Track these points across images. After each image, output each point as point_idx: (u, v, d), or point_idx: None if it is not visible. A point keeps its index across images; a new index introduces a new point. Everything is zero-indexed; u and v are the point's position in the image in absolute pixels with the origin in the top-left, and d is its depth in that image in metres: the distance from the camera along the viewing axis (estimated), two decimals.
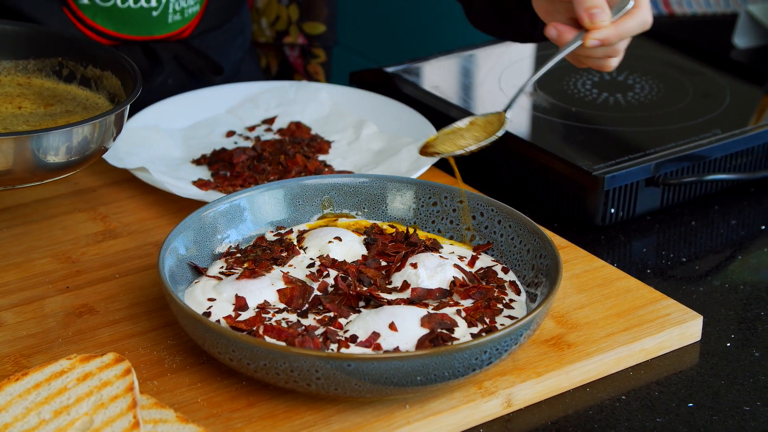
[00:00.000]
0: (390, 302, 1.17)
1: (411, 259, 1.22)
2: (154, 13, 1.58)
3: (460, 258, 1.25)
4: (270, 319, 1.14)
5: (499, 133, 1.27)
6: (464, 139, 1.27)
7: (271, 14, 1.83)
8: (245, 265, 1.23)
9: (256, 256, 1.23)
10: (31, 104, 1.33)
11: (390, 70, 1.70)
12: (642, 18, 1.30)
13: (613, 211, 1.44)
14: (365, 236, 1.28)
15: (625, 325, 1.21)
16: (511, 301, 1.20)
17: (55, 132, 1.18)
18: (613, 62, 1.34)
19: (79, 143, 1.21)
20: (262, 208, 1.30)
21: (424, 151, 1.27)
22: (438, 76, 1.71)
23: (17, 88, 1.36)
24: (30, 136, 1.17)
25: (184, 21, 1.61)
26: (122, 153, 1.47)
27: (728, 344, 1.24)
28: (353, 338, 1.11)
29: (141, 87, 1.29)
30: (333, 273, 1.21)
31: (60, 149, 1.19)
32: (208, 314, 1.15)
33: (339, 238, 1.26)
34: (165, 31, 1.61)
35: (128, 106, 1.27)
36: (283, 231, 1.29)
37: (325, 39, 1.84)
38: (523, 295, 1.21)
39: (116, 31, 1.57)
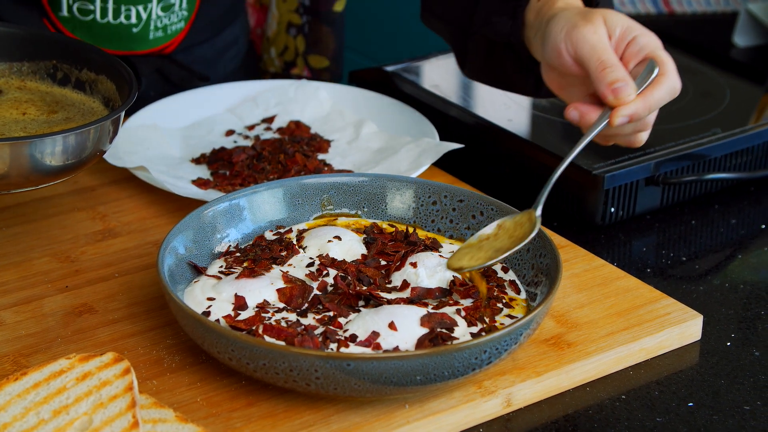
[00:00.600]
0: (389, 301, 1.17)
1: (411, 259, 1.22)
2: (135, 30, 1.56)
3: None
4: (269, 318, 1.14)
5: (531, 236, 1.17)
6: (493, 247, 1.19)
7: (279, 44, 1.80)
8: (245, 264, 1.23)
9: (256, 256, 1.23)
10: (36, 110, 1.32)
11: (390, 69, 1.70)
12: (671, 86, 1.21)
13: (612, 210, 1.44)
14: (365, 235, 1.28)
15: (625, 324, 1.21)
16: (511, 300, 1.19)
17: (50, 138, 1.18)
18: (643, 136, 1.25)
19: (74, 148, 1.21)
20: (261, 207, 1.29)
21: (451, 266, 1.19)
22: (438, 75, 1.71)
23: (26, 94, 1.35)
24: (25, 142, 1.17)
25: (166, 38, 1.60)
26: (121, 152, 1.46)
27: (728, 343, 1.24)
28: (353, 338, 1.11)
29: (137, 92, 1.28)
30: (332, 272, 1.21)
31: (55, 155, 1.19)
32: (207, 314, 1.15)
33: (338, 238, 1.26)
34: (146, 47, 1.59)
35: (123, 112, 1.26)
36: (282, 230, 1.29)
37: (329, 74, 1.82)
38: (523, 294, 1.21)
39: (95, 45, 1.56)
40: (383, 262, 1.24)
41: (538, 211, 1.20)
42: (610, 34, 1.23)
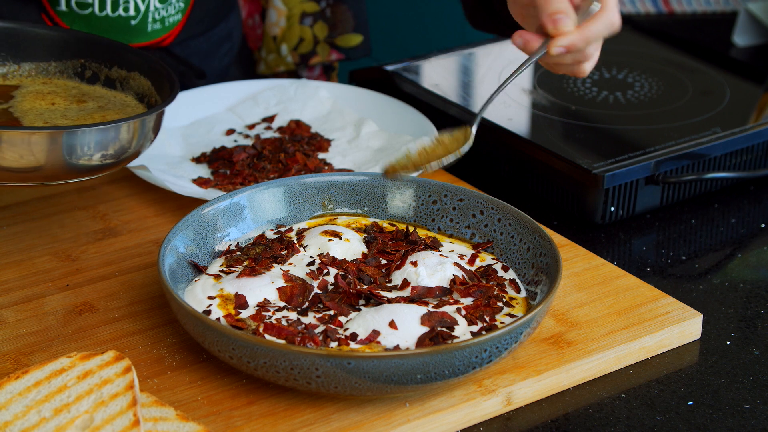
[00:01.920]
0: (390, 300, 1.17)
1: (411, 258, 1.22)
2: (133, 22, 1.56)
3: (460, 256, 1.25)
4: (270, 317, 1.14)
5: (464, 149, 1.24)
6: (429, 158, 1.25)
7: (292, 38, 1.79)
8: (245, 263, 1.23)
9: (256, 255, 1.24)
10: (63, 101, 1.32)
11: (390, 68, 1.70)
12: (608, 20, 1.25)
13: (612, 209, 1.44)
14: (365, 234, 1.28)
15: (625, 323, 1.22)
16: (511, 299, 1.20)
17: (113, 126, 1.19)
18: (586, 67, 1.29)
19: (125, 139, 1.21)
20: (262, 206, 1.30)
21: (387, 172, 1.24)
22: (438, 74, 1.71)
23: (46, 86, 1.35)
24: (79, 130, 1.17)
25: (164, 30, 1.60)
26: None
27: (728, 342, 1.24)
28: (353, 336, 1.11)
29: (179, 87, 1.29)
30: (333, 271, 1.21)
31: (107, 145, 1.19)
32: (208, 312, 1.15)
33: (339, 236, 1.26)
34: (144, 39, 1.59)
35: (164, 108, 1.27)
36: (283, 229, 1.29)
37: (362, 50, 1.81)
38: (523, 293, 1.21)
39: None
40: (384, 261, 1.24)
41: (474, 128, 1.25)
42: None
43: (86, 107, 1.32)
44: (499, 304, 1.18)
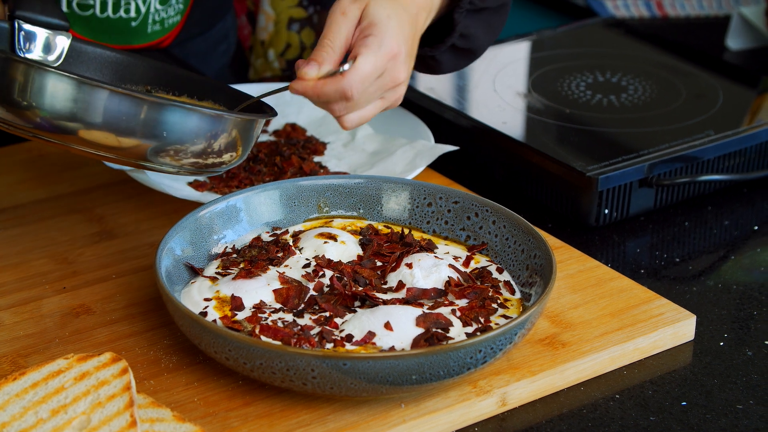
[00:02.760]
0: (385, 302, 1.17)
1: (406, 260, 1.23)
2: (133, 24, 1.56)
3: (455, 258, 1.26)
4: (266, 318, 1.15)
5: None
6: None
7: (279, 44, 1.79)
8: (241, 265, 1.23)
9: (252, 257, 1.24)
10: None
11: None
12: (340, 86, 1.21)
13: (606, 211, 1.45)
14: (361, 237, 1.29)
15: (619, 324, 1.22)
16: (506, 300, 1.20)
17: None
18: (345, 121, 1.25)
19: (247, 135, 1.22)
20: (257, 208, 1.30)
21: None
22: (433, 77, 1.71)
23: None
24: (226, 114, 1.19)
25: (164, 31, 1.60)
26: None
27: (721, 343, 1.24)
28: (349, 338, 1.12)
29: (273, 113, 1.28)
30: (329, 273, 1.22)
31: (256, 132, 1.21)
32: (204, 314, 1.15)
33: (335, 239, 1.26)
34: (144, 40, 1.60)
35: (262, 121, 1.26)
36: (278, 231, 1.30)
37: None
38: (518, 294, 1.21)
39: (94, 39, 1.56)
40: (379, 263, 1.24)
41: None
42: (360, 22, 1.24)
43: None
44: (494, 305, 1.19)
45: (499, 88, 1.68)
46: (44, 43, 1.30)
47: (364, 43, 1.22)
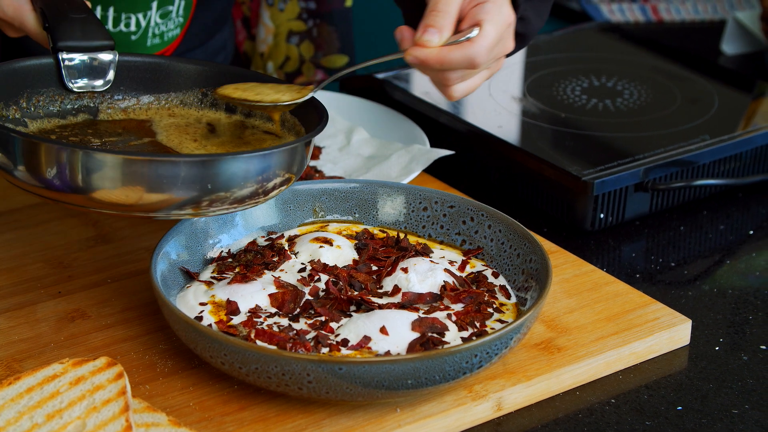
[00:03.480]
0: (381, 306, 1.17)
1: (402, 264, 1.23)
2: (133, 37, 1.56)
3: (451, 262, 1.26)
4: (262, 323, 1.15)
5: (295, 101, 1.23)
6: (260, 96, 1.24)
7: (278, 57, 1.79)
8: (237, 269, 1.23)
9: (248, 261, 1.24)
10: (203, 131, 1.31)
11: (380, 76, 1.71)
12: (469, 53, 1.19)
13: (602, 215, 1.45)
14: (356, 241, 1.29)
15: (614, 329, 1.22)
16: (502, 305, 1.20)
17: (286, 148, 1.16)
18: (452, 92, 1.24)
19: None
20: (253, 213, 1.30)
21: (218, 92, 1.25)
22: (428, 82, 1.71)
23: (178, 119, 1.33)
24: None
25: (163, 44, 1.60)
26: None
27: (717, 348, 1.24)
28: (344, 342, 1.12)
29: (327, 114, 1.24)
30: (324, 277, 1.21)
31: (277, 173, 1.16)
32: (199, 318, 1.15)
33: (330, 243, 1.26)
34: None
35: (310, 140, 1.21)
36: (274, 236, 1.30)
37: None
38: (513, 299, 1.21)
39: None
40: (374, 268, 1.24)
41: (313, 93, 1.24)
42: None
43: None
44: (490, 310, 1.19)
45: (494, 92, 1.68)
46: (91, 70, 1.28)
47: (484, 9, 1.21)
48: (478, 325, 1.16)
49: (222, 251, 1.27)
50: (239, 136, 1.30)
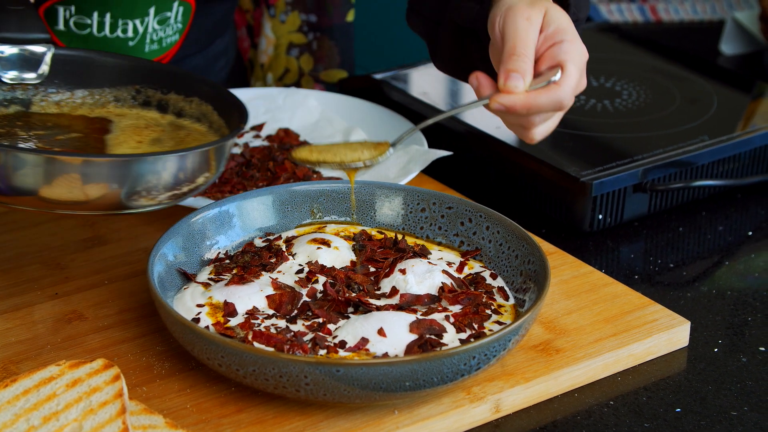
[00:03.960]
0: (379, 308, 1.17)
1: (400, 265, 1.23)
2: (131, 43, 1.55)
3: (449, 264, 1.25)
4: (259, 325, 1.14)
5: (370, 162, 1.23)
6: (339, 157, 1.24)
7: (278, 68, 1.78)
8: (234, 271, 1.23)
9: (245, 263, 1.24)
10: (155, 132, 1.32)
11: (378, 76, 1.71)
12: (557, 97, 1.18)
13: (600, 217, 1.45)
14: (354, 242, 1.29)
15: (613, 330, 1.22)
16: (500, 306, 1.20)
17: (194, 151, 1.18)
18: (533, 135, 1.23)
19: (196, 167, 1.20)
20: (250, 214, 1.30)
21: (294, 154, 1.24)
22: (426, 82, 1.71)
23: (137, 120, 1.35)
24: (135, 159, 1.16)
25: (162, 50, 1.59)
26: None
27: (716, 350, 1.24)
28: (342, 344, 1.11)
29: (247, 114, 1.27)
30: (322, 279, 1.21)
31: (196, 173, 1.19)
32: (197, 320, 1.15)
33: (328, 244, 1.26)
34: None
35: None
36: (271, 237, 1.30)
37: None
38: (512, 300, 1.21)
39: None
40: (372, 269, 1.24)
41: (393, 149, 1.23)
42: (543, 28, 1.21)
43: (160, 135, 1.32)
44: (488, 311, 1.18)
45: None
46: (24, 62, 1.30)
47: (563, 49, 1.20)
48: (476, 326, 1.16)
49: (219, 252, 1.27)
50: (180, 141, 1.32)
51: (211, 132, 1.32)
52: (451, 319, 1.16)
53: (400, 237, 1.29)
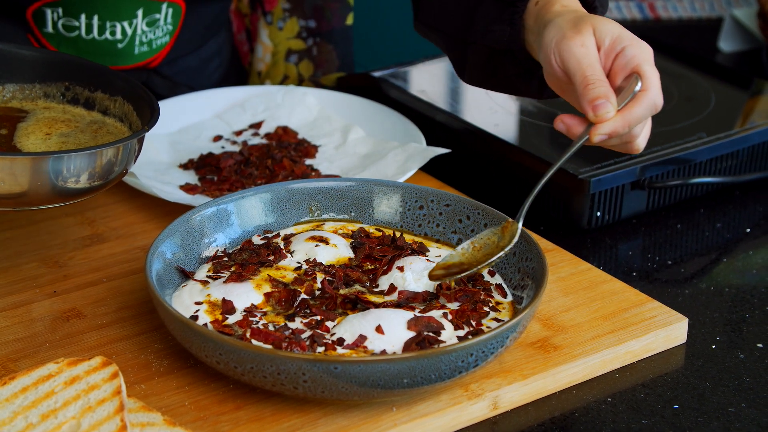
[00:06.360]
0: (377, 305, 1.17)
1: (398, 263, 1.23)
2: (120, 45, 1.55)
3: None
4: (257, 322, 1.14)
5: (511, 246, 1.20)
6: (474, 258, 1.21)
7: (277, 75, 1.78)
8: (232, 268, 1.23)
9: (243, 260, 1.24)
10: (64, 126, 1.33)
11: (377, 74, 1.71)
12: (651, 101, 1.18)
13: (599, 214, 1.45)
14: (352, 240, 1.29)
15: (610, 327, 1.22)
16: (498, 303, 1.20)
17: (77, 154, 1.19)
18: (638, 144, 1.22)
19: (104, 166, 1.21)
20: (249, 212, 1.30)
21: (433, 276, 1.21)
22: (425, 80, 1.71)
23: (52, 113, 1.36)
24: (48, 157, 1.17)
25: (152, 52, 1.59)
26: None
27: (713, 346, 1.24)
28: (340, 341, 1.12)
29: (159, 113, 1.28)
30: (320, 276, 1.21)
31: (81, 172, 1.19)
32: (195, 318, 1.15)
33: (326, 242, 1.26)
34: (131, 61, 1.58)
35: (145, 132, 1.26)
36: (270, 235, 1.30)
37: None
38: (510, 297, 1.21)
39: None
40: (370, 266, 1.24)
41: (520, 223, 1.21)
42: (599, 45, 1.21)
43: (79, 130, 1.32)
44: (486, 308, 1.18)
45: (491, 91, 1.67)
46: None
47: (628, 56, 1.20)
48: (474, 323, 1.16)
49: (217, 250, 1.27)
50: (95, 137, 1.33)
51: (130, 132, 1.33)
52: (449, 317, 1.16)
53: (398, 234, 1.29)
